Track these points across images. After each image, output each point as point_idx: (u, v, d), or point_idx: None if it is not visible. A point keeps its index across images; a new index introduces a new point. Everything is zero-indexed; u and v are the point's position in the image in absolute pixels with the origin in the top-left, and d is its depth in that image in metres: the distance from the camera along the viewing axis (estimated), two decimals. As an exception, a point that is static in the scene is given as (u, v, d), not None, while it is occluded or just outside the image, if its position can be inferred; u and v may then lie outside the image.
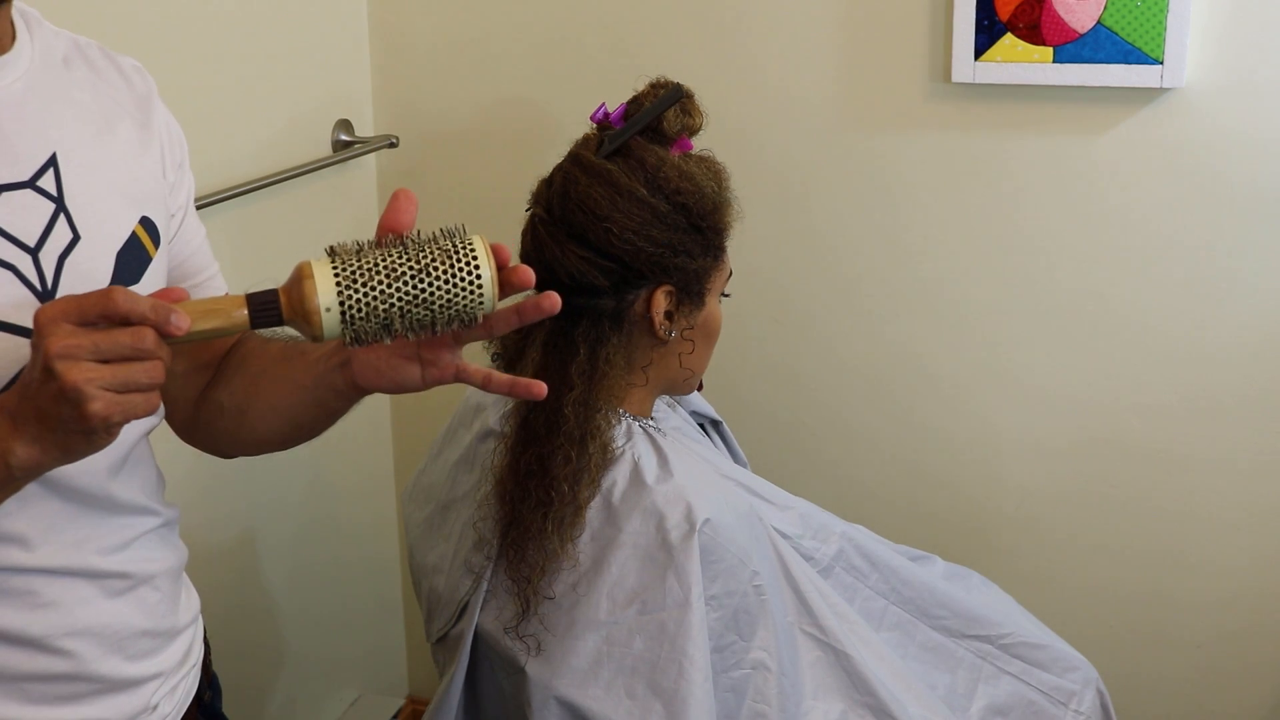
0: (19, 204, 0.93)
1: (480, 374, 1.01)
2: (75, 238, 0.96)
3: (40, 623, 0.97)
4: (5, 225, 0.92)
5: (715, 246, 1.34)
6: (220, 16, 1.80)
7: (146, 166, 1.06)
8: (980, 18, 1.79)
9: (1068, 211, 1.86)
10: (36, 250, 0.94)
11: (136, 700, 1.05)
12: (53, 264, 0.95)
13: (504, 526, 1.28)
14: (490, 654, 1.32)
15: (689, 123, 1.35)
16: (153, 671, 1.07)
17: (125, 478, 1.04)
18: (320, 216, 2.09)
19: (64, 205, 0.96)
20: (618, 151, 1.30)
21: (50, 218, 0.95)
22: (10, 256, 0.92)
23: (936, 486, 2.04)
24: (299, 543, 2.10)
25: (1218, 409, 1.87)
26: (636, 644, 1.23)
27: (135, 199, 1.03)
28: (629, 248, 1.27)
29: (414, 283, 0.88)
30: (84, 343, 0.80)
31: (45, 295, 0.94)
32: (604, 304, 1.29)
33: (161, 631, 1.08)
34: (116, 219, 1.00)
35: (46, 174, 0.96)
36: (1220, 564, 1.92)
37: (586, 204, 1.28)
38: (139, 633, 1.04)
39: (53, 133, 0.97)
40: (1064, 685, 1.49)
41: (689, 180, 1.30)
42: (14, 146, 0.94)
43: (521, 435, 1.29)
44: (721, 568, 1.27)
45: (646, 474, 1.29)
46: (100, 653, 1.01)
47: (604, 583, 1.25)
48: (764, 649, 1.29)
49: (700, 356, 1.39)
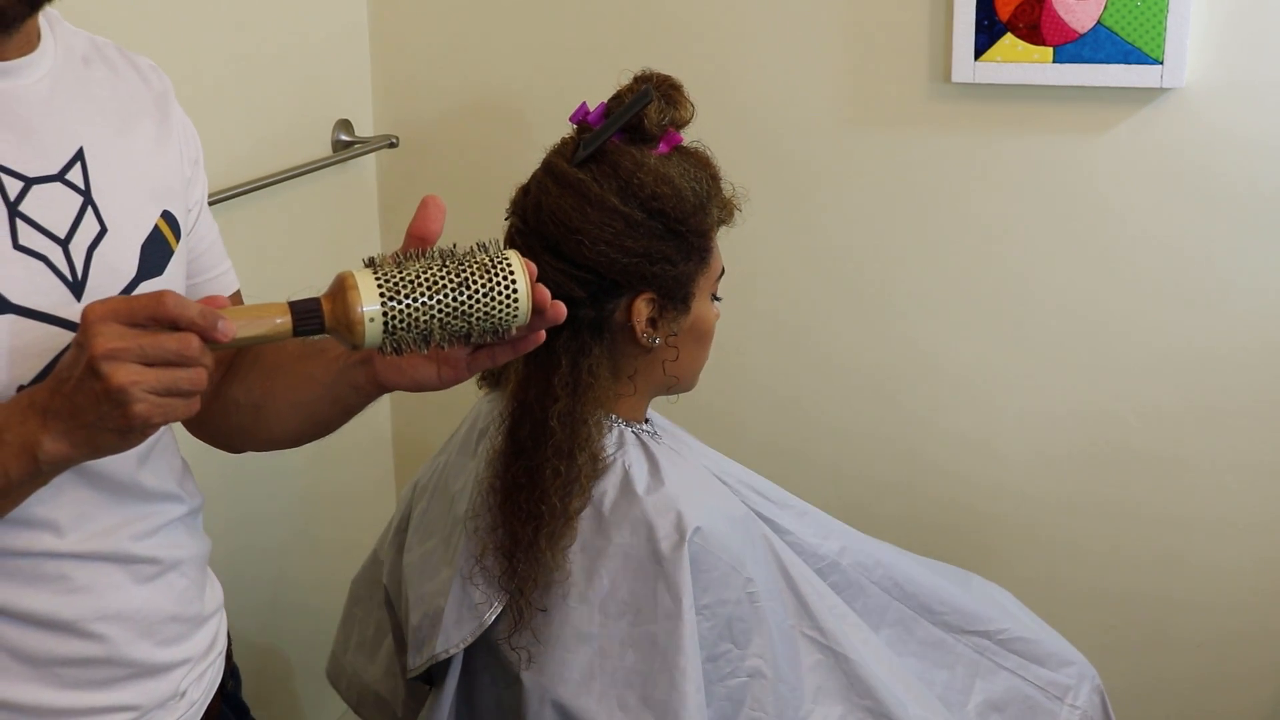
0: (49, 197, 0.96)
1: (489, 355, 1.03)
2: (103, 230, 0.99)
3: (73, 607, 0.98)
4: (36, 217, 0.94)
5: (699, 249, 1.29)
6: (220, 17, 1.80)
7: (166, 162, 1.08)
8: (980, 18, 1.79)
9: (1067, 211, 1.86)
10: (66, 242, 0.96)
11: (166, 686, 1.07)
12: (82, 255, 0.97)
13: (495, 539, 1.27)
14: (490, 664, 1.31)
15: (675, 116, 1.30)
16: (181, 657, 1.09)
17: (153, 465, 1.06)
18: (320, 216, 2.09)
19: (91, 198, 0.99)
20: (592, 157, 1.26)
21: (79, 210, 0.97)
22: (42, 247, 0.95)
23: (938, 488, 2.04)
24: (297, 544, 2.10)
25: (1218, 411, 1.86)
26: (628, 656, 1.23)
27: (157, 194, 1.05)
28: (603, 259, 1.24)
29: (455, 295, 0.92)
30: (131, 345, 0.82)
31: (76, 286, 0.96)
32: (584, 314, 1.26)
33: (189, 618, 1.10)
34: (140, 212, 1.03)
35: (74, 168, 0.98)
36: (1221, 567, 1.92)
37: (558, 216, 1.25)
38: (168, 618, 1.06)
39: (78, 128, 1.00)
40: (1060, 680, 1.49)
41: (666, 184, 1.25)
42: (43, 141, 0.97)
43: (510, 448, 1.27)
44: (714, 576, 1.26)
45: (637, 483, 1.28)
46: (131, 637, 1.03)
47: (595, 594, 1.24)
48: (760, 656, 1.28)
49: (691, 359, 1.36)
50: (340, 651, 1.57)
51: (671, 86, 1.31)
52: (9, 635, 0.97)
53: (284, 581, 2.06)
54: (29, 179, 0.95)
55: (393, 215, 2.24)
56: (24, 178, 0.95)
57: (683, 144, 1.32)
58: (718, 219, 1.34)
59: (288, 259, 2.01)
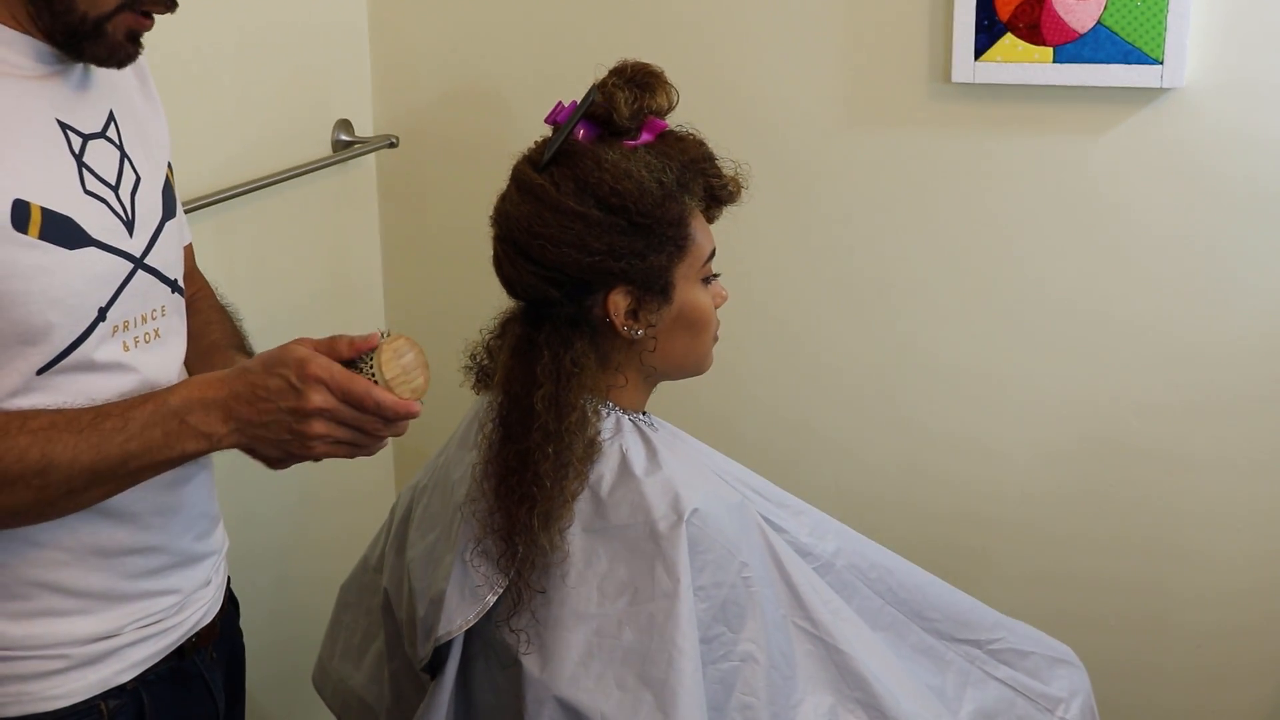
0: (100, 151, 1.15)
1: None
2: (138, 178, 1.19)
3: (138, 501, 1.17)
4: (95, 167, 1.14)
5: (672, 239, 1.28)
6: (221, 17, 1.80)
7: (159, 121, 1.29)
8: (980, 18, 1.79)
9: (1067, 211, 1.86)
10: (116, 187, 1.16)
11: (200, 574, 1.29)
12: (128, 199, 1.17)
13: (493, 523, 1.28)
14: (487, 648, 1.32)
15: (652, 104, 1.30)
16: (210, 550, 1.31)
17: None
18: (320, 216, 2.09)
19: (125, 152, 1.19)
20: (555, 159, 1.28)
21: (119, 162, 1.17)
22: (102, 192, 1.14)
23: (937, 486, 2.04)
24: (295, 546, 2.10)
25: (1218, 409, 1.86)
26: (626, 635, 1.23)
27: (162, 147, 1.27)
28: (568, 260, 1.25)
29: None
30: (338, 411, 1.08)
31: (129, 224, 1.16)
32: (563, 312, 1.28)
33: (211, 515, 1.32)
34: (155, 163, 1.24)
35: (110, 127, 1.18)
36: (1220, 562, 1.92)
37: (521, 223, 1.27)
38: (199, 514, 1.28)
39: (106, 92, 1.19)
40: (1050, 693, 1.49)
41: (626, 179, 1.25)
42: (87, 102, 1.16)
43: (501, 433, 1.29)
44: (710, 558, 1.27)
45: (635, 465, 1.29)
46: (179, 529, 1.24)
47: (593, 575, 1.25)
48: (753, 641, 1.28)
49: (685, 346, 1.35)
50: (327, 657, 1.58)
51: (649, 74, 1.31)
52: (88, 532, 1.15)
53: (284, 582, 2.06)
54: (85, 134, 1.14)
55: (393, 215, 2.24)
56: (81, 133, 1.13)
57: (669, 129, 1.32)
58: (714, 199, 1.34)
59: (288, 259, 2.01)
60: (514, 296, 1.33)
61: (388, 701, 1.47)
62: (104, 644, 1.18)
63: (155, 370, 1.19)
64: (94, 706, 1.18)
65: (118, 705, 1.20)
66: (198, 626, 1.29)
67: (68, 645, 1.16)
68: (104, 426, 1.07)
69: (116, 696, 1.20)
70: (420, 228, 2.23)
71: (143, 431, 1.07)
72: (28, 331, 1.07)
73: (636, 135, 1.30)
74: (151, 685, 1.24)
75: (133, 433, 1.07)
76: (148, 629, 1.22)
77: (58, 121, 1.12)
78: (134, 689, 1.22)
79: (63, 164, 1.11)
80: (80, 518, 1.13)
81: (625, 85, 1.30)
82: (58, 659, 1.16)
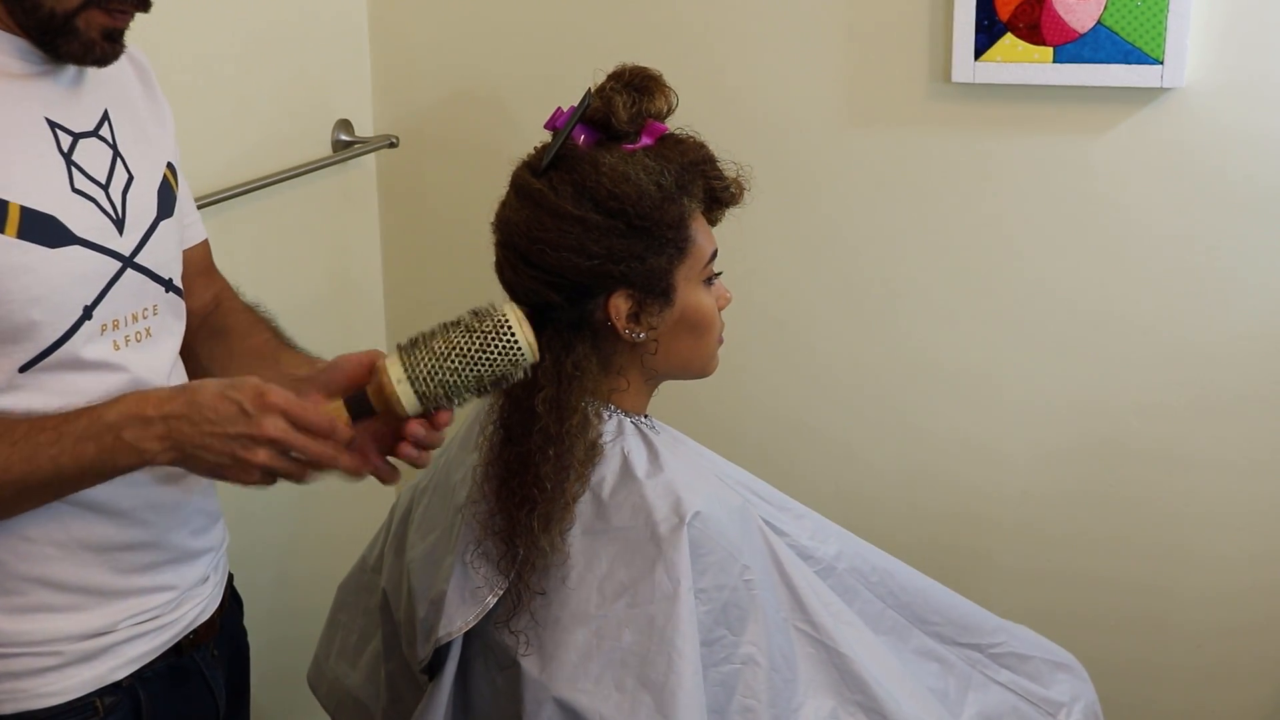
0: (91, 149, 1.16)
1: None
2: (130, 177, 1.20)
3: (129, 498, 1.17)
4: (84, 165, 1.14)
5: (672, 240, 1.28)
6: (220, 17, 1.80)
7: (162, 123, 1.29)
8: (980, 18, 1.79)
9: (1067, 211, 1.86)
10: (106, 186, 1.16)
11: (197, 570, 1.29)
12: (119, 198, 1.17)
13: (493, 525, 1.28)
14: (486, 649, 1.32)
15: (650, 107, 1.30)
16: (207, 546, 1.31)
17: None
18: (320, 216, 2.09)
19: (119, 151, 1.19)
20: (554, 164, 1.28)
21: (111, 161, 1.18)
22: (91, 191, 1.15)
23: (938, 485, 2.04)
24: (295, 544, 2.10)
25: (1218, 408, 1.86)
26: (625, 637, 1.23)
27: (161, 148, 1.27)
28: (567, 265, 1.25)
29: (462, 360, 1.12)
30: (290, 441, 1.06)
31: (119, 223, 1.17)
32: (565, 316, 1.28)
33: (209, 511, 1.32)
34: (153, 163, 1.24)
35: (104, 125, 1.18)
36: (1220, 562, 1.92)
37: (521, 228, 1.27)
38: (195, 510, 1.28)
39: (101, 91, 1.19)
40: (1052, 697, 1.49)
41: (624, 182, 1.25)
42: (81, 101, 1.16)
43: (502, 435, 1.29)
44: (711, 560, 1.26)
45: (636, 468, 1.29)
46: (172, 525, 1.24)
47: (594, 576, 1.25)
48: (754, 644, 1.28)
49: (689, 348, 1.35)
50: (323, 657, 1.58)
51: (647, 77, 1.31)
52: (79, 527, 1.15)
53: (283, 582, 2.06)
54: (76, 133, 1.14)
55: (393, 215, 2.24)
56: (71, 132, 1.14)
57: (669, 132, 1.32)
58: (715, 201, 1.33)
59: (288, 259, 2.01)
60: (516, 301, 1.33)
61: (383, 702, 1.47)
62: (98, 640, 1.19)
63: (145, 369, 1.20)
64: (89, 703, 1.18)
65: (113, 702, 1.20)
66: (195, 623, 1.29)
67: (61, 641, 1.16)
68: (38, 439, 1.07)
69: (112, 693, 1.20)
70: (420, 228, 2.23)
71: (75, 445, 1.07)
72: (9, 329, 1.08)
73: (636, 139, 1.30)
74: (148, 682, 1.24)
75: (65, 446, 1.06)
76: (143, 625, 1.23)
77: (47, 120, 1.12)
78: (130, 686, 1.22)
79: (50, 162, 1.12)
80: (70, 512, 1.14)
81: (623, 89, 1.30)
82: (51, 655, 1.16)
